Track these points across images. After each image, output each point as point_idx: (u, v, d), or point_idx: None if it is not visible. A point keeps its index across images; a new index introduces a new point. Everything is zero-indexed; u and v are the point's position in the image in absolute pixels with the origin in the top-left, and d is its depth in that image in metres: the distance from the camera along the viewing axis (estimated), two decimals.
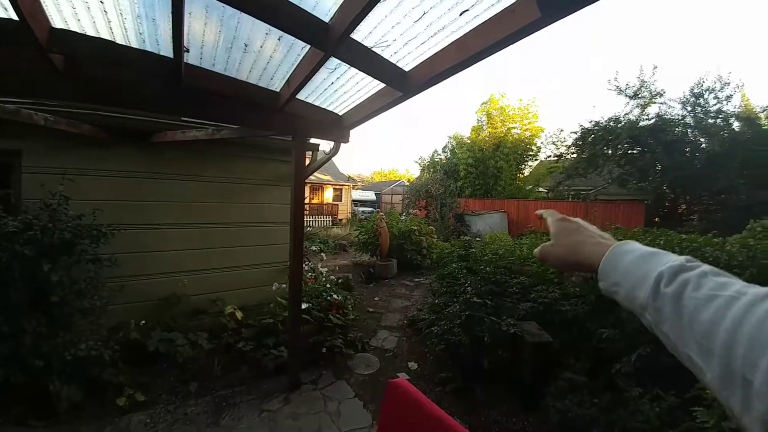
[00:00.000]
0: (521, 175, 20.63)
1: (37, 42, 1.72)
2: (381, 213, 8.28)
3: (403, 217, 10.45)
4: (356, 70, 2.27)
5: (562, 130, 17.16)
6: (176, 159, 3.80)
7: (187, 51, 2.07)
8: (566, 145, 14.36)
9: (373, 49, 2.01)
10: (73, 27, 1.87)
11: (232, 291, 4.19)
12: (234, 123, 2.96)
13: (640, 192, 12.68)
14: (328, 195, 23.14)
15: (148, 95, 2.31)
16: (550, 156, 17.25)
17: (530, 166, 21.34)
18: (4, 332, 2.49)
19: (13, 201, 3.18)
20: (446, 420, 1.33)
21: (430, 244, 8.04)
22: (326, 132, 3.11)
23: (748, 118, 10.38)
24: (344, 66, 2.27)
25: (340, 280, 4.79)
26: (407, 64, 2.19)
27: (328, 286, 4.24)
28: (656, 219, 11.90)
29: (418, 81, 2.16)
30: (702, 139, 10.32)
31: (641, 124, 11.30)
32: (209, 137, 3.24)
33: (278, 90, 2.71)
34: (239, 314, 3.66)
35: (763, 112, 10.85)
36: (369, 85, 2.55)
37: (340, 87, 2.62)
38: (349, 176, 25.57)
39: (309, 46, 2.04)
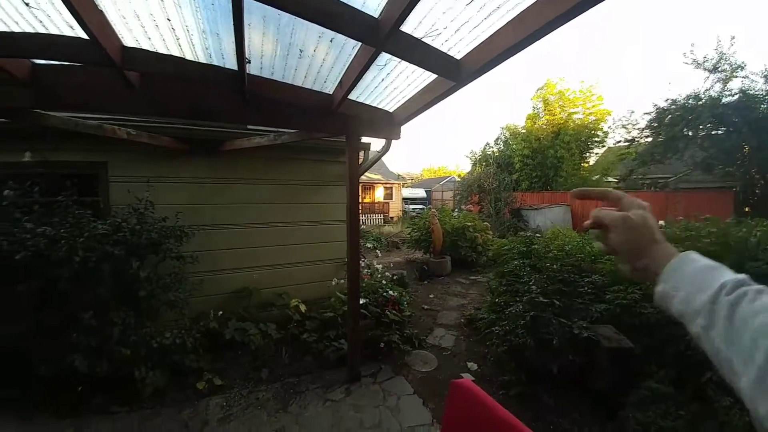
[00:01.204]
0: (586, 164, 18.80)
1: (112, 61, 1.92)
2: (433, 210, 8.15)
3: (456, 213, 10.18)
4: (406, 64, 2.25)
5: (632, 112, 15.29)
6: (242, 165, 4.15)
7: (249, 62, 2.22)
8: (639, 128, 12.74)
9: (423, 39, 1.97)
10: (145, 45, 2.09)
11: (294, 285, 4.45)
12: (292, 127, 3.13)
13: (727, 178, 10.83)
14: (379, 194, 23.48)
15: (215, 107, 2.54)
16: (619, 141, 15.47)
17: (596, 153, 19.36)
18: (92, 326, 2.72)
19: (102, 207, 3.63)
20: (518, 426, 1.24)
21: (485, 241, 7.72)
22: (378, 130, 3.13)
23: None
24: (394, 61, 2.26)
25: (395, 277, 4.82)
26: (459, 51, 2.11)
27: (383, 282, 4.29)
28: (746, 209, 10.06)
29: (472, 68, 2.07)
30: None
31: (724, 100, 9.64)
32: (271, 143, 3.48)
33: (331, 92, 2.80)
34: (303, 307, 3.89)
35: None
36: (419, 78, 2.51)
37: (390, 83, 2.62)
38: (399, 174, 25.64)
39: (359, 45, 2.07)
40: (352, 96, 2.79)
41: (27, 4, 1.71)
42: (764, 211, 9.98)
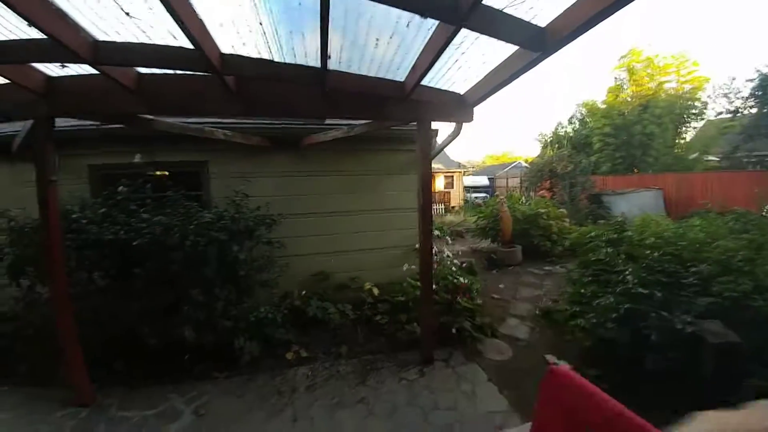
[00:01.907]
0: (681, 141, 16.06)
1: (214, 67, 2.15)
2: (502, 197, 7.78)
3: (524, 200, 9.56)
4: (482, 41, 2.18)
5: (734, 78, 12.51)
6: (319, 158, 4.46)
7: (329, 57, 2.36)
8: (743, 97, 10.41)
9: (504, 10, 1.88)
10: (240, 51, 2.32)
11: (366, 271, 4.67)
12: (366, 118, 3.25)
13: None
14: (440, 183, 23.07)
15: (301, 104, 2.75)
16: (721, 113, 12.86)
17: (694, 128, 16.41)
18: (200, 301, 3.07)
19: (204, 199, 4.16)
20: (626, 413, 1.17)
21: (560, 229, 7.14)
22: (449, 114, 3.09)
23: None
24: (469, 39, 2.20)
25: (464, 264, 4.76)
26: (544, 18, 1.97)
27: (453, 269, 4.26)
28: None
29: (560, 35, 1.92)
30: None
31: None
32: (345, 135, 3.66)
33: (403, 79, 2.83)
34: (376, 290, 4.08)
35: None
36: (496, 54, 2.40)
37: (464, 63, 2.55)
38: (460, 163, 24.85)
39: (435, 25, 2.05)
40: (424, 81, 2.79)
41: (128, 14, 1.87)
42: None
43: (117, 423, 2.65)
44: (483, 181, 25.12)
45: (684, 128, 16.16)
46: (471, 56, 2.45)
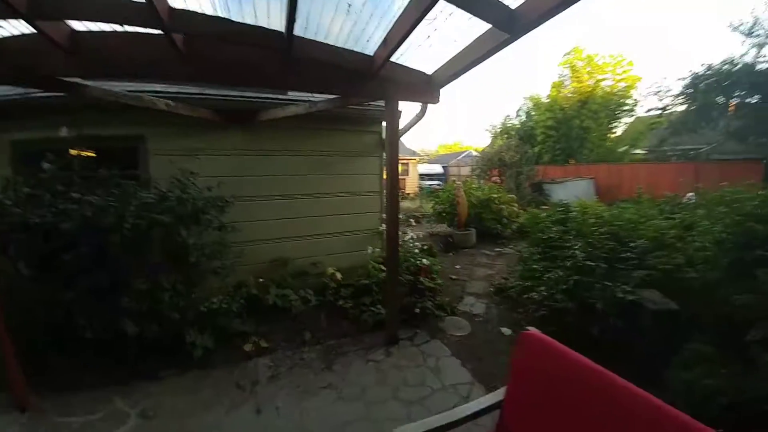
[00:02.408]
0: (612, 135, 17.96)
1: (162, 21, 1.87)
2: (458, 183, 8.05)
3: (476, 186, 10.02)
4: (456, 16, 2.14)
5: (665, 78, 14.29)
6: (277, 137, 4.16)
7: (295, 21, 2.16)
8: (673, 95, 11.95)
9: None
10: (192, 6, 2.04)
11: (328, 255, 4.55)
12: (331, 92, 3.07)
13: (760, 149, 10.22)
14: None
15: (259, 71, 2.50)
16: (651, 110, 14.64)
17: (625, 123, 18.43)
18: (142, 290, 2.79)
19: (143, 178, 3.65)
20: (598, 368, 1.26)
21: (510, 213, 7.62)
22: (416, 93, 3.05)
23: None
24: (444, 14, 2.15)
25: (424, 247, 4.85)
26: (515, 1, 1.99)
27: (416, 251, 4.32)
28: None
29: (528, 17, 1.96)
30: None
31: (758, 67, 8.91)
32: (306, 111, 3.45)
33: (372, 54, 2.71)
34: (338, 275, 3.99)
35: None
36: (466, 33, 2.39)
37: (435, 41, 2.51)
38: (414, 151, 25.21)
39: None
40: (394, 57, 2.70)
41: None
42: None
43: (58, 430, 2.32)
44: (437, 169, 25.82)
45: (616, 123, 18.03)
46: (443, 33, 2.42)
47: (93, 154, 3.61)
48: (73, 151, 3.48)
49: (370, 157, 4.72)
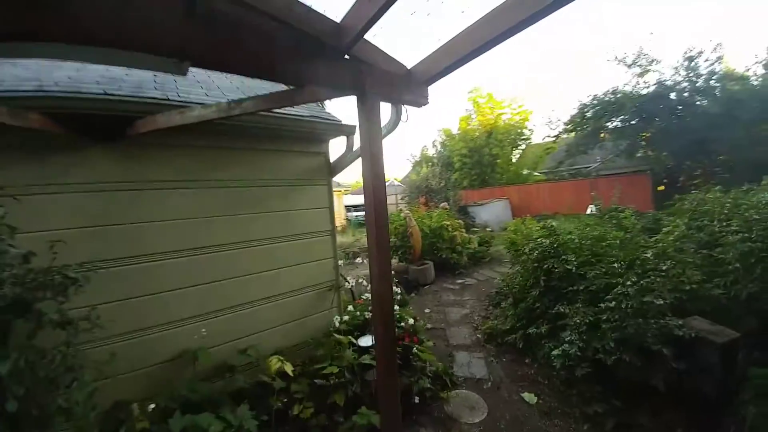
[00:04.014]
0: (516, 160, 20.21)
1: None
2: (407, 212, 7.29)
3: (403, 215, 9.50)
4: None
5: (553, 110, 16.82)
6: (174, 160, 2.69)
7: None
8: (564, 123, 13.83)
9: None
10: None
11: (265, 333, 3.10)
12: (273, 74, 1.89)
13: (644, 162, 12.45)
14: None
15: (146, 29, 1.24)
16: (546, 137, 16.88)
17: (522, 150, 20.96)
18: None
19: None
20: None
21: (463, 240, 7.12)
22: (402, 90, 2.11)
23: (742, 77, 10.15)
24: None
25: (398, 296, 3.79)
26: None
27: (397, 307, 3.22)
28: (660, 188, 11.74)
29: None
30: (700, 101, 10.07)
31: (642, 92, 11.00)
32: (225, 114, 2.16)
33: (339, 20, 1.71)
34: (288, 367, 2.56)
35: (749, 70, 10.68)
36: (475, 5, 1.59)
37: (423, 18, 1.64)
38: (338, 182, 24.46)
39: None
40: (369, 35, 1.76)
41: None
42: (673, 186, 11.60)
43: None
44: (363, 199, 25.42)
45: (518, 150, 20.30)
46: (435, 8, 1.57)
47: None
48: None
49: (316, 186, 3.55)
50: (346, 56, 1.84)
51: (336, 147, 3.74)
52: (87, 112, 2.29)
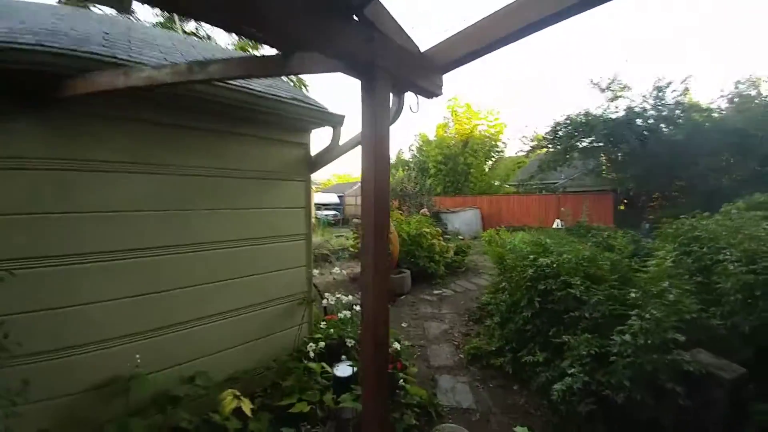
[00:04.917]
0: (488, 171, 20.65)
1: None
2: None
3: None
4: None
5: (527, 126, 17.38)
6: (113, 136, 2.11)
7: None
8: (538, 138, 14.25)
9: None
10: None
11: (220, 355, 2.56)
12: (248, 25, 1.40)
13: (608, 182, 13.15)
14: None
15: None
16: (519, 152, 17.32)
17: (494, 161, 21.47)
18: None
19: None
20: None
21: (441, 249, 6.87)
22: (417, 73, 1.76)
23: (707, 109, 10.97)
24: None
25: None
26: None
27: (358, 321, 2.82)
28: (620, 207, 12.49)
29: None
30: (664, 129, 10.73)
31: (612, 116, 11.55)
32: (184, 78, 1.65)
33: None
34: (247, 406, 2.06)
35: (713, 103, 11.60)
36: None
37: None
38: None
39: None
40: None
41: None
42: (635, 209, 12.32)
43: None
44: (334, 198, 24.71)
45: (491, 161, 20.74)
46: None
47: None
48: None
49: (293, 182, 3.08)
50: (355, 17, 1.44)
51: (316, 141, 3.27)
52: (16, 67, 1.69)
